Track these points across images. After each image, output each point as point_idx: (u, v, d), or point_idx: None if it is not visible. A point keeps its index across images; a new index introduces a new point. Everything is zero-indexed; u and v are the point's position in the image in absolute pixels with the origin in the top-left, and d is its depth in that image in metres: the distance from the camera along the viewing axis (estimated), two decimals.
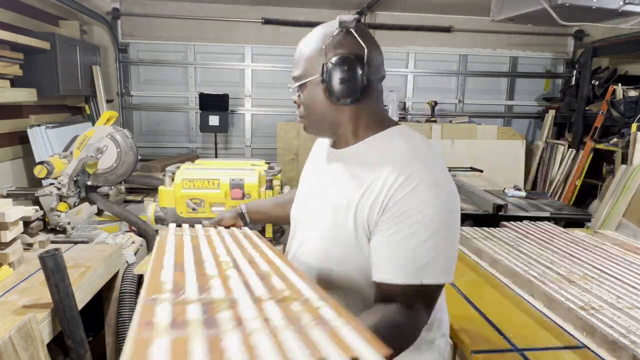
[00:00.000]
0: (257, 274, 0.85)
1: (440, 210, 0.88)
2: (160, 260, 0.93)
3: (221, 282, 0.79)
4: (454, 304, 1.59)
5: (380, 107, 1.04)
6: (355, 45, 0.97)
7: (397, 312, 0.86)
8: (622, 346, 1.21)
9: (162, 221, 2.02)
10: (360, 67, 0.95)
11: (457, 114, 5.28)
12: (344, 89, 0.94)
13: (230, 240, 1.15)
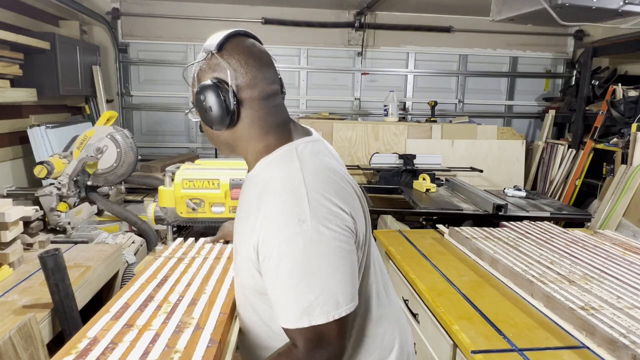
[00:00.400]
0: (180, 322, 1.04)
1: (303, 248, 0.82)
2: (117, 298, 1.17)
3: (132, 339, 0.96)
4: (454, 304, 1.60)
5: (265, 126, 0.95)
6: (219, 69, 0.91)
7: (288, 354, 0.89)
8: (622, 346, 1.21)
9: (162, 221, 2.02)
10: (221, 92, 0.89)
11: (457, 114, 5.28)
12: (210, 117, 0.91)
13: (206, 268, 1.37)
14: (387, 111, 4.71)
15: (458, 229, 2.36)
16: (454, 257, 2.09)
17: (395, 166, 4.03)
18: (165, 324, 1.03)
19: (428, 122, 4.75)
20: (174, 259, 1.44)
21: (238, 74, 0.91)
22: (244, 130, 0.95)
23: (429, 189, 3.51)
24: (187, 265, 1.38)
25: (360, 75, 5.12)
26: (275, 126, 0.96)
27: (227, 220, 1.99)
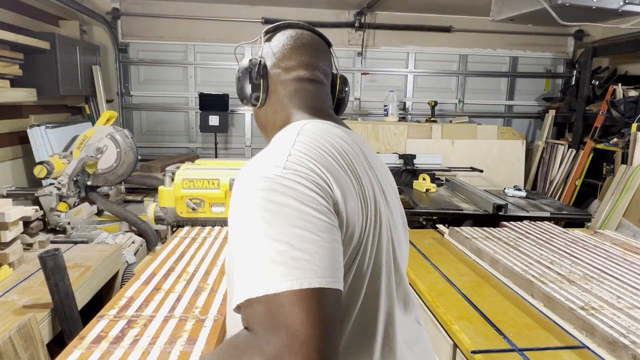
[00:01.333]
0: (197, 287, 1.35)
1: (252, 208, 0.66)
2: (145, 268, 1.47)
3: (161, 299, 1.28)
4: (454, 304, 1.60)
5: (291, 105, 0.92)
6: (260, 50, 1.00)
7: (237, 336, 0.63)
8: (622, 346, 1.21)
9: (162, 221, 2.02)
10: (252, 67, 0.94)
11: (457, 114, 5.28)
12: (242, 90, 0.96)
13: (216, 246, 1.65)
14: (387, 111, 4.71)
15: (458, 229, 2.36)
16: (454, 257, 2.09)
17: (395, 166, 4.03)
18: (186, 288, 1.35)
19: (428, 122, 4.75)
20: (188, 238, 1.71)
21: (273, 51, 0.96)
22: (272, 108, 0.95)
23: (429, 189, 3.51)
24: (200, 244, 1.66)
25: (360, 75, 5.12)
26: (303, 107, 0.91)
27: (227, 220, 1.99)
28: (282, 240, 0.62)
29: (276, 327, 0.57)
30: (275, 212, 0.64)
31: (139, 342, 1.05)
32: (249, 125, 5.12)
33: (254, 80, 0.94)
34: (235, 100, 4.94)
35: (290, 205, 0.65)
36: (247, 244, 0.64)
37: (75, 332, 1.53)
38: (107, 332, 1.09)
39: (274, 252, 0.61)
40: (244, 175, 0.72)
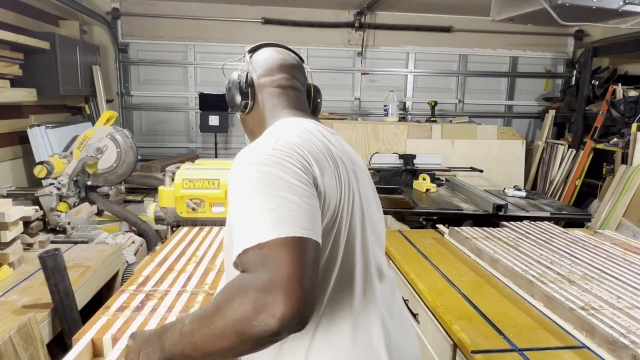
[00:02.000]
0: (206, 268, 1.52)
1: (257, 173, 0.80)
2: (158, 253, 1.66)
3: (175, 276, 1.45)
4: (454, 304, 1.59)
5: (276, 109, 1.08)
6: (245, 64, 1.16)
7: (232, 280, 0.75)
8: (622, 346, 1.21)
9: (162, 221, 2.02)
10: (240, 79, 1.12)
11: (457, 114, 5.28)
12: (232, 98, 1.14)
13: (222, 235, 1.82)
14: (387, 111, 4.71)
15: (458, 229, 2.36)
16: (454, 257, 2.09)
17: (395, 166, 4.03)
18: (196, 269, 1.51)
19: (428, 122, 4.75)
20: (197, 227, 1.84)
21: (257, 66, 1.13)
22: (259, 113, 1.11)
23: (429, 189, 3.51)
24: (208, 232, 1.80)
25: (360, 75, 5.12)
26: (287, 108, 1.08)
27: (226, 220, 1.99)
28: (271, 202, 0.76)
29: (266, 266, 0.71)
30: (266, 181, 0.79)
31: (157, 311, 1.22)
32: None
33: (242, 89, 1.11)
34: None
35: (278, 175, 0.80)
36: (243, 208, 0.78)
37: (75, 332, 1.53)
38: (129, 303, 1.26)
39: (265, 211, 0.75)
40: (239, 158, 0.88)
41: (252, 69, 1.13)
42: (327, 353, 0.88)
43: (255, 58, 1.15)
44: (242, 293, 0.70)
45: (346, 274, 0.91)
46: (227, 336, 0.71)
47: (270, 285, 0.68)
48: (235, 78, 1.13)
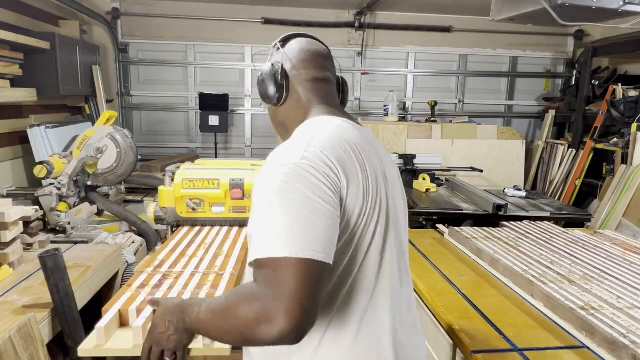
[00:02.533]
0: (215, 253, 1.64)
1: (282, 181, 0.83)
2: (170, 241, 1.78)
3: (187, 260, 1.58)
4: (454, 304, 1.59)
5: (310, 103, 1.08)
6: (277, 55, 1.11)
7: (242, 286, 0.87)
8: (622, 346, 1.21)
9: (162, 221, 2.01)
10: (274, 71, 1.07)
11: (457, 114, 5.28)
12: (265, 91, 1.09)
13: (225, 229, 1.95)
14: (387, 111, 4.71)
15: (458, 229, 2.36)
16: (454, 257, 2.09)
17: None
18: (206, 254, 1.63)
19: (428, 122, 4.75)
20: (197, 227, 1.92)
21: (291, 58, 1.09)
22: (292, 105, 1.09)
23: (429, 189, 3.51)
24: (207, 234, 1.87)
25: (360, 75, 5.13)
26: (320, 104, 1.07)
27: (227, 220, 1.99)
28: (290, 218, 0.80)
29: (273, 283, 0.77)
30: (289, 195, 0.82)
31: (174, 288, 1.35)
32: (249, 125, 5.13)
33: (278, 81, 1.07)
34: (235, 100, 4.95)
35: (301, 191, 0.82)
36: (263, 216, 0.82)
37: (75, 332, 1.53)
38: (148, 282, 1.39)
39: (281, 225, 0.79)
40: (270, 161, 0.89)
41: (287, 59, 1.10)
42: (336, 351, 0.91)
43: (288, 49, 1.11)
44: (249, 302, 0.79)
45: (363, 278, 0.93)
46: (232, 334, 0.82)
47: (274, 302, 0.75)
48: (269, 69, 1.08)
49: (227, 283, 1.40)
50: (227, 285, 1.38)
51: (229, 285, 1.39)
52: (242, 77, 5.01)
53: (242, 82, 5.01)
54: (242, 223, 2.03)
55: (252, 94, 5.04)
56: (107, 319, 1.15)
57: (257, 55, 4.39)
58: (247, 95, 5.05)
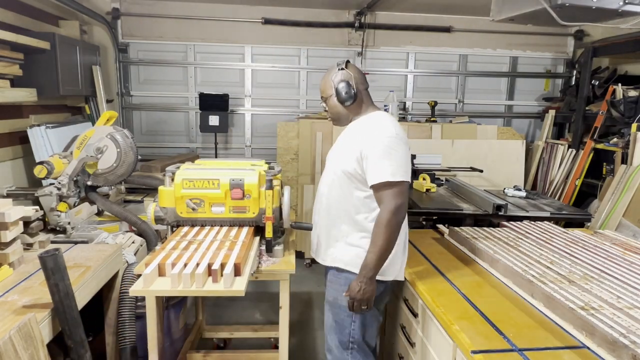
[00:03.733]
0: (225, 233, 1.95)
1: (388, 140, 1.74)
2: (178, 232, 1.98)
3: (205, 234, 1.94)
4: (454, 304, 1.60)
5: (366, 103, 1.92)
6: (346, 74, 1.86)
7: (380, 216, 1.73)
8: (622, 346, 1.21)
9: (162, 221, 2.01)
10: (349, 85, 1.85)
11: (457, 114, 5.28)
12: (345, 97, 1.85)
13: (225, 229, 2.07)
14: (387, 111, 4.71)
15: (458, 229, 2.36)
16: (454, 257, 2.09)
17: None
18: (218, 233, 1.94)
19: (428, 122, 4.75)
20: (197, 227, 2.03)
21: (356, 76, 1.87)
22: (355, 105, 1.89)
23: (429, 189, 3.51)
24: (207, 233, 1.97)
25: None
26: (372, 104, 1.95)
27: (227, 220, 1.99)
28: (399, 160, 1.72)
29: (398, 195, 1.71)
30: (396, 150, 1.73)
31: (198, 249, 1.74)
32: (249, 125, 5.13)
33: (352, 91, 1.85)
34: (235, 100, 4.96)
35: (401, 148, 1.75)
36: (385, 154, 1.71)
37: (75, 332, 1.53)
38: (177, 246, 1.76)
39: (399, 162, 1.72)
40: (375, 130, 1.78)
41: (351, 77, 1.86)
42: None
43: (351, 69, 1.88)
44: (393, 214, 1.70)
45: None
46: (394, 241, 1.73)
47: (400, 205, 1.71)
48: (345, 84, 1.84)
49: (240, 247, 1.76)
50: (240, 248, 1.75)
51: (242, 249, 1.74)
52: (242, 77, 5.01)
53: (242, 82, 5.01)
54: (242, 223, 2.03)
55: (252, 94, 5.05)
56: (149, 269, 1.55)
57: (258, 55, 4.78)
58: (247, 95, 5.04)
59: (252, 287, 3.91)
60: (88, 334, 1.68)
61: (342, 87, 1.82)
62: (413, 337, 1.90)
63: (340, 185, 1.82)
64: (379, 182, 1.69)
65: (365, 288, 1.70)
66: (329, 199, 1.87)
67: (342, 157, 1.83)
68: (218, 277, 1.56)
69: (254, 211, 1.97)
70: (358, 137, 1.79)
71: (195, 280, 1.55)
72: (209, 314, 3.29)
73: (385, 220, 1.68)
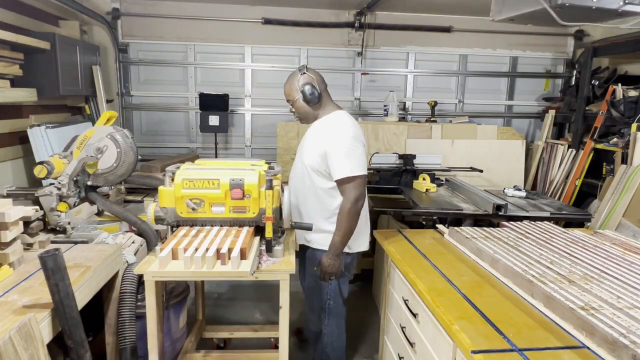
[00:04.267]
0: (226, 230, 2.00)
1: (347, 141, 2.09)
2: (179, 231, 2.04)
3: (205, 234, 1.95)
4: (454, 304, 1.60)
5: (327, 100, 2.28)
6: (309, 77, 2.20)
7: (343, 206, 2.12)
8: (622, 346, 1.21)
9: (162, 221, 2.01)
10: (313, 87, 2.18)
11: (457, 114, 5.28)
12: (310, 98, 2.19)
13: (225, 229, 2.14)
14: (387, 111, 4.71)
15: (458, 229, 2.36)
16: (454, 257, 2.09)
17: (395, 166, 4.03)
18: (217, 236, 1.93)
19: (428, 122, 4.75)
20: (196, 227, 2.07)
21: (316, 78, 2.22)
22: (317, 105, 2.23)
23: (429, 189, 3.51)
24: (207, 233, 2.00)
25: (360, 75, 5.13)
26: (332, 103, 2.29)
27: (226, 220, 1.99)
28: (357, 157, 2.10)
29: (357, 187, 2.09)
30: (354, 147, 2.10)
31: (207, 236, 1.90)
32: (249, 125, 5.13)
33: (316, 92, 2.19)
34: (235, 100, 4.96)
35: (357, 146, 2.12)
36: (345, 154, 2.07)
37: (75, 332, 1.53)
38: (187, 233, 1.93)
39: (357, 160, 2.09)
40: (336, 131, 2.13)
41: (312, 79, 2.21)
42: None
43: (311, 73, 2.23)
44: (353, 204, 2.09)
45: None
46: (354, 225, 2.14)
47: (358, 197, 2.09)
48: (310, 86, 2.19)
49: (245, 233, 1.93)
50: (246, 235, 1.91)
51: (246, 235, 1.91)
52: (242, 77, 5.01)
53: (242, 82, 5.01)
54: (242, 223, 2.03)
55: (252, 94, 5.05)
56: (164, 253, 1.72)
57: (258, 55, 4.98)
58: (247, 95, 5.05)
59: (252, 287, 3.91)
60: (88, 334, 1.68)
61: (308, 89, 2.16)
62: (413, 337, 1.90)
63: (310, 178, 2.21)
64: (341, 177, 2.07)
65: (332, 263, 2.15)
66: (302, 190, 2.27)
67: (309, 154, 2.19)
68: (226, 260, 1.72)
69: (254, 211, 1.97)
70: (322, 136, 2.15)
71: (206, 263, 1.71)
72: (209, 314, 3.29)
73: (347, 209, 2.08)
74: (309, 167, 2.19)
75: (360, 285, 4.08)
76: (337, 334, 2.42)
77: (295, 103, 2.24)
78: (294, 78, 2.20)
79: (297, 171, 2.31)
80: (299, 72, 2.18)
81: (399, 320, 2.13)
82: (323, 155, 2.11)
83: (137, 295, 2.08)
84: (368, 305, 3.75)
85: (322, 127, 2.20)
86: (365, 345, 3.15)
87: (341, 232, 2.11)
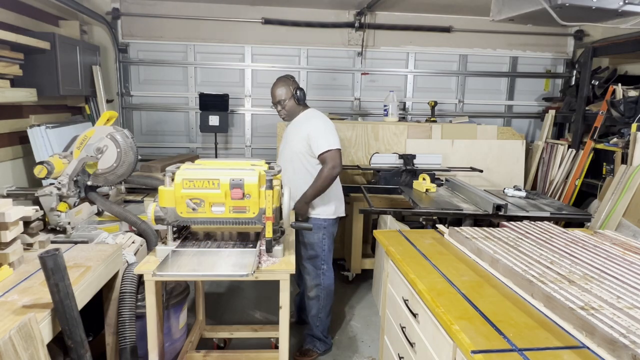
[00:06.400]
0: None
1: (323, 124, 2.80)
2: None
3: None
4: (454, 304, 1.59)
5: (303, 103, 2.91)
6: (296, 82, 2.89)
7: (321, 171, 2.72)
8: (622, 346, 1.21)
9: (162, 221, 2.01)
10: (302, 89, 2.86)
11: (457, 114, 5.28)
12: (301, 98, 2.86)
13: None
14: (387, 111, 4.71)
15: (458, 229, 2.36)
16: (454, 257, 2.09)
17: (395, 166, 4.03)
18: None
19: (428, 122, 4.75)
20: None
21: (297, 86, 2.88)
22: (299, 105, 2.88)
23: (429, 189, 3.51)
24: None
25: (360, 75, 5.13)
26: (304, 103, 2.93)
27: (227, 220, 1.99)
28: (334, 134, 2.78)
29: (334, 159, 2.71)
30: (330, 127, 2.81)
31: None
32: (249, 125, 5.13)
33: (304, 94, 2.88)
34: (235, 100, 4.96)
35: (334, 130, 2.81)
36: (324, 133, 2.75)
37: (75, 332, 1.53)
38: None
39: (334, 136, 2.77)
40: (314, 120, 2.84)
41: (296, 86, 2.85)
42: None
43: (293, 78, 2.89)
44: (330, 169, 2.70)
45: None
46: (327, 184, 2.73)
47: (335, 165, 2.70)
48: (301, 90, 2.85)
49: None
50: None
51: None
52: (242, 77, 5.01)
53: (242, 82, 5.01)
54: (242, 223, 2.03)
55: (252, 94, 5.05)
56: None
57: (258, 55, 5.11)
58: (247, 95, 5.05)
59: (252, 287, 3.91)
60: (88, 334, 1.68)
61: (299, 92, 2.82)
62: (413, 337, 1.90)
63: (299, 159, 2.79)
64: (322, 151, 2.68)
65: (302, 207, 2.77)
66: (293, 171, 2.80)
67: (297, 141, 2.79)
68: None
69: (254, 211, 1.97)
70: (304, 126, 2.79)
71: None
72: (209, 314, 3.29)
73: (324, 172, 2.68)
74: (297, 151, 2.78)
75: (360, 285, 4.08)
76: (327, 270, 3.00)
77: (286, 103, 2.83)
78: (286, 82, 2.83)
79: (285, 157, 2.86)
80: (290, 78, 2.86)
81: (399, 320, 2.13)
82: (306, 138, 2.72)
83: (137, 295, 2.08)
84: (368, 305, 3.75)
85: (303, 120, 2.85)
86: (365, 345, 3.16)
87: (314, 187, 2.71)
